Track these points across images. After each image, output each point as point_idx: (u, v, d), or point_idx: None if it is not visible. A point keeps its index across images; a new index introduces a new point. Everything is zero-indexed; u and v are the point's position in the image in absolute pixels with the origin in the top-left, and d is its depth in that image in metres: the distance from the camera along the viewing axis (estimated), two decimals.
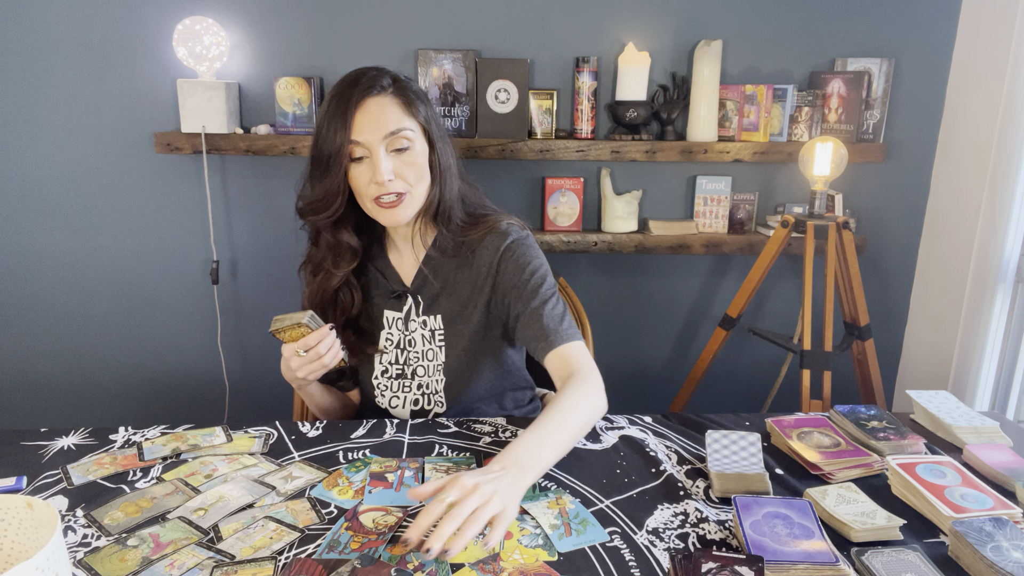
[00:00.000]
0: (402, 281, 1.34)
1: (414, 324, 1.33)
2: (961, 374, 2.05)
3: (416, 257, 1.34)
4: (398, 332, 1.34)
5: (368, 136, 1.18)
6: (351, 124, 1.18)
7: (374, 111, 1.18)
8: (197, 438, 1.16)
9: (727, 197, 2.17)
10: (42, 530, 0.76)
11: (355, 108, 1.18)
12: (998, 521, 0.89)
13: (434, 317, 1.32)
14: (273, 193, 2.15)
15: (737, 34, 2.09)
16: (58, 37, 1.99)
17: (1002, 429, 1.19)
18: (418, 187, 1.23)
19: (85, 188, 2.10)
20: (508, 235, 1.30)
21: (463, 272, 1.32)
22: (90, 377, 2.26)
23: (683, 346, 2.35)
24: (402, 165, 1.20)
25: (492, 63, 2.02)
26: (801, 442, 1.13)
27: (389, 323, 1.34)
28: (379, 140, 1.18)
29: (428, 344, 1.33)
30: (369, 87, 1.19)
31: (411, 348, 1.33)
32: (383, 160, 1.18)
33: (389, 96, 1.20)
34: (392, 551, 0.88)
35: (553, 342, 1.18)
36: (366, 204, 1.23)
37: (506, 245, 1.29)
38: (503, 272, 1.28)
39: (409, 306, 1.33)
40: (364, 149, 1.19)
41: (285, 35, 2.03)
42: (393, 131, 1.19)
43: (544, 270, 1.28)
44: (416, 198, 1.24)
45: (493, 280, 1.30)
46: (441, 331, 1.32)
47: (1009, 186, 1.87)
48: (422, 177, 1.23)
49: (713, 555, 0.80)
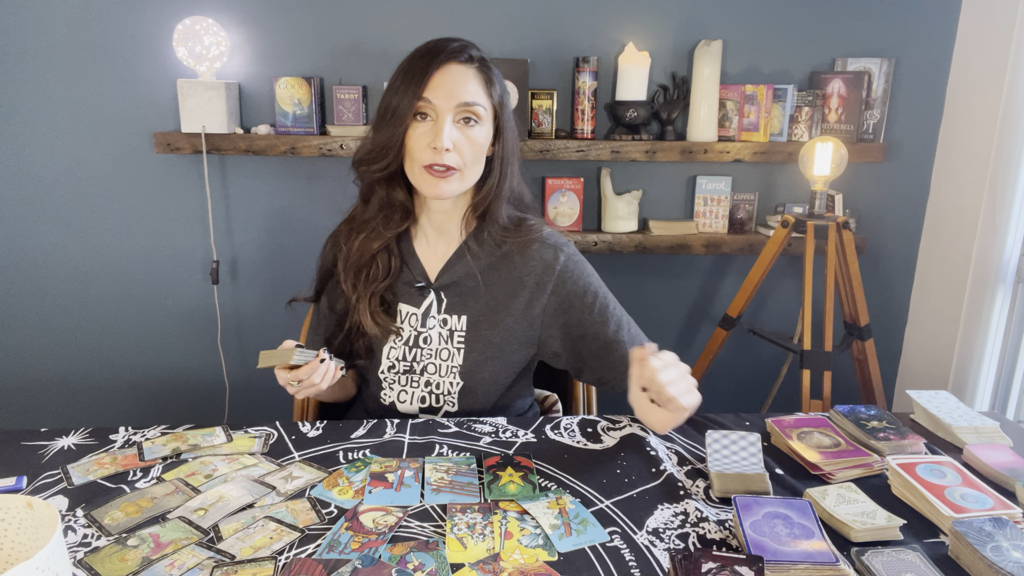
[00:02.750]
0: (426, 273, 1.27)
1: (432, 321, 1.27)
2: (961, 374, 2.05)
3: (446, 250, 1.27)
4: (411, 329, 1.27)
5: (441, 98, 1.14)
6: (428, 81, 1.14)
7: (454, 76, 1.15)
8: (197, 438, 1.16)
9: (727, 197, 2.17)
10: (42, 530, 0.76)
11: (436, 68, 1.14)
12: (998, 521, 0.89)
13: (457, 317, 1.26)
14: (273, 193, 2.15)
15: (737, 34, 2.09)
16: (58, 37, 1.99)
17: (1002, 429, 1.19)
18: (472, 168, 1.19)
19: (85, 188, 2.10)
20: (560, 251, 1.26)
21: (499, 275, 1.26)
22: (90, 377, 2.26)
23: (683, 346, 2.35)
24: (464, 140, 1.16)
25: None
26: (801, 442, 1.13)
27: (403, 317, 1.28)
28: (451, 106, 1.14)
29: (444, 343, 1.27)
30: (457, 52, 1.16)
31: (425, 346, 1.27)
32: (448, 127, 1.14)
33: (474, 68, 1.17)
34: (391, 551, 0.88)
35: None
36: (414, 169, 1.18)
37: (562, 265, 1.26)
38: (561, 295, 1.26)
39: (430, 302, 1.27)
40: (432, 110, 1.15)
41: (285, 35, 2.03)
42: (467, 102, 1.15)
43: (603, 289, 1.29)
44: (467, 178, 1.19)
45: (545, 298, 1.25)
46: (462, 332, 1.26)
47: (1009, 186, 1.87)
48: (479, 159, 1.19)
49: (713, 555, 0.80)
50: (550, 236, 1.29)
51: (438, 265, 1.27)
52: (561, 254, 1.27)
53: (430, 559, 0.87)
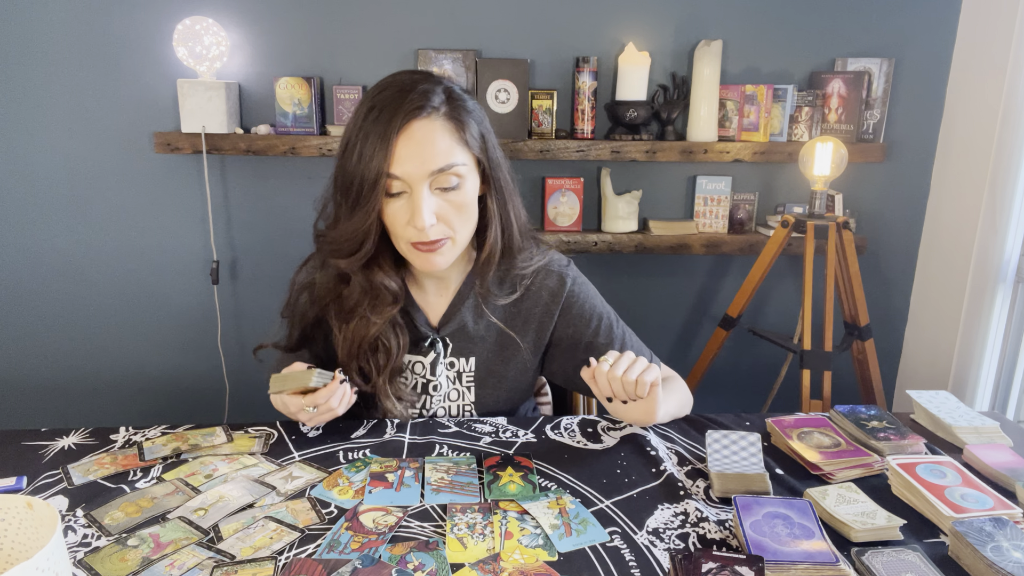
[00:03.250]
0: (428, 322, 1.20)
1: (440, 367, 1.21)
2: (961, 374, 2.05)
3: (448, 294, 1.20)
4: (417, 377, 1.21)
5: (411, 170, 0.99)
6: (392, 152, 0.98)
7: (420, 138, 0.99)
8: (197, 438, 1.16)
9: (727, 197, 2.17)
10: (42, 530, 0.76)
11: (397, 132, 0.98)
12: (998, 521, 0.89)
13: (465, 360, 1.21)
14: (273, 193, 2.15)
15: (737, 34, 2.09)
16: (58, 37, 1.99)
17: (1002, 429, 1.19)
18: (462, 231, 1.07)
19: (85, 188, 2.10)
20: (565, 276, 1.21)
21: (509, 310, 1.21)
22: (90, 377, 2.26)
23: (683, 346, 2.35)
24: (447, 207, 1.03)
25: (492, 63, 2.02)
26: (801, 442, 1.13)
27: (411, 368, 1.22)
28: (423, 176, 1.00)
29: (453, 385, 1.23)
30: (418, 108, 0.99)
31: (435, 393, 1.22)
32: (425, 201, 1.00)
33: (441, 120, 1.01)
34: (391, 551, 0.88)
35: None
36: (400, 246, 1.07)
37: (568, 291, 1.21)
38: (568, 319, 1.22)
39: (438, 351, 1.20)
40: (404, 184, 1.01)
41: (285, 35, 2.04)
42: (441, 167, 1.00)
43: (606, 309, 1.25)
44: (459, 244, 1.08)
45: (552, 325, 1.22)
46: (471, 373, 1.22)
47: (1009, 186, 1.87)
48: (468, 220, 1.07)
49: (713, 555, 0.80)
50: (554, 263, 1.23)
51: (440, 310, 1.20)
52: (567, 279, 1.22)
53: (430, 559, 0.87)
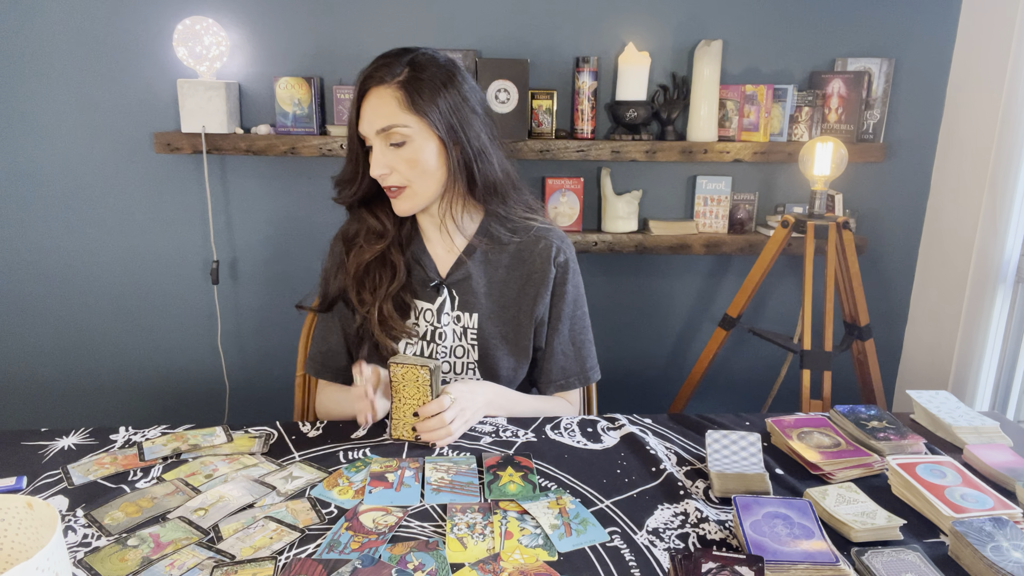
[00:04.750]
0: (437, 271, 1.31)
1: (447, 318, 1.30)
2: (961, 374, 2.05)
3: (453, 247, 1.31)
4: (427, 323, 1.30)
5: (365, 128, 1.19)
6: (361, 113, 1.19)
7: (373, 103, 1.18)
8: (197, 438, 1.16)
9: (727, 197, 2.17)
10: (42, 530, 0.76)
11: (362, 98, 1.19)
12: (998, 521, 0.89)
13: (469, 315, 1.30)
14: (273, 193, 2.15)
15: (737, 34, 2.09)
16: (58, 37, 1.99)
17: (1002, 429, 1.19)
18: (420, 182, 1.21)
19: (85, 188, 2.10)
20: (565, 252, 1.33)
21: (508, 272, 1.31)
22: (90, 377, 2.26)
23: (683, 346, 2.35)
24: (398, 160, 1.19)
25: (492, 63, 2.02)
26: (801, 442, 1.13)
27: (417, 312, 1.31)
28: (372, 134, 1.18)
29: (459, 340, 1.31)
30: (377, 78, 1.17)
31: (440, 342, 1.30)
32: (377, 154, 1.19)
33: (392, 88, 1.17)
34: (391, 551, 0.88)
35: (562, 386, 1.35)
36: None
37: (563, 266, 1.32)
38: (556, 294, 1.32)
39: (444, 299, 1.30)
40: (369, 140, 1.20)
41: (285, 35, 2.03)
42: (384, 127, 1.17)
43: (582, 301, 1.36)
44: (419, 193, 1.22)
45: (547, 294, 1.32)
46: (474, 329, 1.30)
47: (1009, 186, 1.87)
48: (424, 173, 1.20)
49: (713, 555, 0.80)
50: (558, 237, 1.34)
51: (449, 262, 1.31)
52: (562, 254, 1.33)
53: (430, 559, 0.87)
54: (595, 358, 1.38)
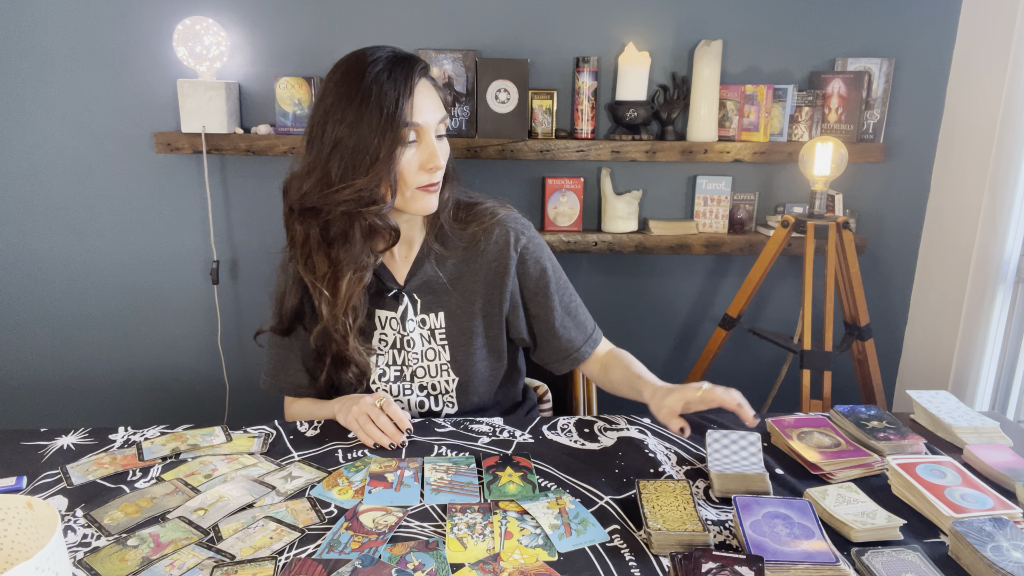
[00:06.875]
0: (395, 279, 1.28)
1: (412, 324, 1.28)
2: (961, 374, 2.05)
3: (410, 253, 1.28)
4: (393, 332, 1.28)
5: (428, 118, 1.14)
6: (413, 106, 1.12)
7: (428, 93, 1.16)
8: (197, 438, 1.16)
9: (727, 197, 2.17)
10: (42, 530, 0.76)
11: (412, 91, 1.12)
12: (998, 521, 0.89)
13: (435, 315, 1.28)
14: (273, 193, 2.14)
15: (737, 34, 2.09)
16: (58, 37, 1.99)
17: (1002, 429, 1.19)
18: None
19: (85, 188, 2.10)
20: (521, 234, 1.29)
21: (466, 265, 1.28)
22: (90, 377, 2.26)
23: (683, 346, 2.35)
24: (446, 150, 1.20)
25: (492, 63, 2.02)
26: (801, 442, 1.13)
27: (382, 323, 1.28)
28: (435, 123, 1.16)
29: (428, 343, 1.29)
30: (425, 69, 1.16)
31: (410, 349, 1.28)
32: (435, 143, 1.16)
33: (428, 80, 1.18)
34: (391, 551, 0.88)
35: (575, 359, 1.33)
36: (405, 193, 1.17)
37: (523, 247, 1.29)
38: (522, 276, 1.29)
39: (405, 306, 1.28)
40: (416, 133, 1.14)
41: (285, 35, 2.03)
42: (444, 116, 1.17)
43: (558, 273, 1.33)
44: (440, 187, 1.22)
45: (510, 281, 1.28)
46: (443, 329, 1.29)
47: (1009, 186, 1.87)
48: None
49: (713, 555, 0.80)
50: (510, 219, 1.30)
51: (405, 269, 1.28)
52: (523, 237, 1.29)
53: (430, 559, 0.87)
54: (591, 318, 1.36)
